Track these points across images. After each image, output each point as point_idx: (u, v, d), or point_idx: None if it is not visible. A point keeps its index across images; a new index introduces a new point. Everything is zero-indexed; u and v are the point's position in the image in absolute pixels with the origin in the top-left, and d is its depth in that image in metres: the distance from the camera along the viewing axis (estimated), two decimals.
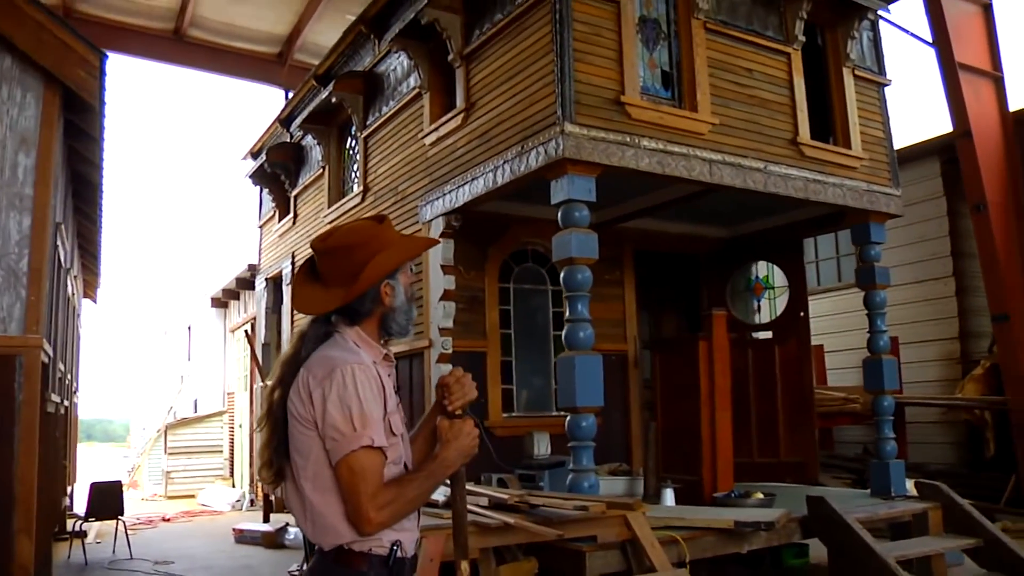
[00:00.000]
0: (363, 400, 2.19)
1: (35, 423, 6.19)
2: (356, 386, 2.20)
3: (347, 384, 2.20)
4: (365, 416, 2.18)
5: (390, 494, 2.19)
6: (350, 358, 2.26)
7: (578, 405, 6.05)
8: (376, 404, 2.23)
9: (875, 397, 8.01)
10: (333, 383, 2.20)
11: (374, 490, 2.17)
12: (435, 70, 8.13)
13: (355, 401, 2.18)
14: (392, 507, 2.19)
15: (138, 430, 32.67)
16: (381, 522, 2.18)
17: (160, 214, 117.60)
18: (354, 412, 2.18)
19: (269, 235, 13.37)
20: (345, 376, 2.21)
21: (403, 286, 2.43)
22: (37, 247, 6.38)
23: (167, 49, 14.96)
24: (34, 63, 6.49)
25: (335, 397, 2.19)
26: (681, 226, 9.56)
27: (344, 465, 2.17)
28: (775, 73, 7.60)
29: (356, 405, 2.18)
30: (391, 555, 2.25)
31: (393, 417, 2.30)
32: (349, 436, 2.17)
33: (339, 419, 2.17)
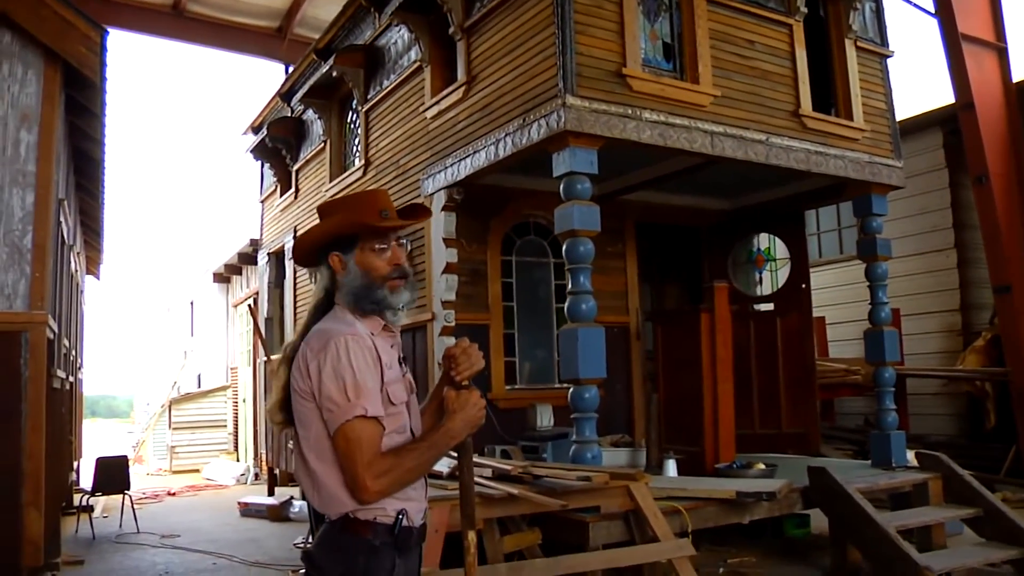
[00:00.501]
0: (356, 370, 2.21)
1: (41, 399, 6.24)
2: (349, 357, 2.22)
3: (340, 355, 2.22)
4: (359, 386, 2.20)
5: (387, 463, 2.21)
6: (344, 329, 2.28)
7: (581, 377, 6.08)
8: (371, 374, 2.25)
9: (876, 369, 8.04)
10: (327, 355, 2.23)
11: (370, 459, 2.18)
12: (436, 43, 8.11)
13: (348, 372, 2.21)
14: (390, 476, 2.20)
15: (142, 406, 32.83)
16: (379, 490, 2.20)
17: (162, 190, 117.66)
18: (348, 383, 2.20)
19: (271, 210, 13.37)
20: (339, 347, 2.23)
21: (359, 262, 2.39)
22: (41, 223, 6.41)
23: (167, 24, 14.86)
24: (34, 39, 6.49)
25: (329, 368, 2.21)
26: (683, 198, 9.56)
27: (340, 435, 2.20)
28: (777, 45, 7.57)
29: (350, 376, 2.20)
30: (396, 523, 2.28)
31: (393, 387, 2.32)
32: (343, 406, 2.19)
33: (333, 390, 2.20)
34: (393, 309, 2.41)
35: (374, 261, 2.39)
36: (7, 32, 6.44)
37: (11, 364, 6.14)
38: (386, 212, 2.40)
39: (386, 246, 2.41)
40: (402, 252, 2.47)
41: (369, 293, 2.38)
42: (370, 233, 2.40)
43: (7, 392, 6.09)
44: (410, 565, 2.38)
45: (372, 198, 2.45)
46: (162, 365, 28.26)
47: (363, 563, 2.25)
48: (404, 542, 2.31)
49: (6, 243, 6.27)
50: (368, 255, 2.40)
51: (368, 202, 2.43)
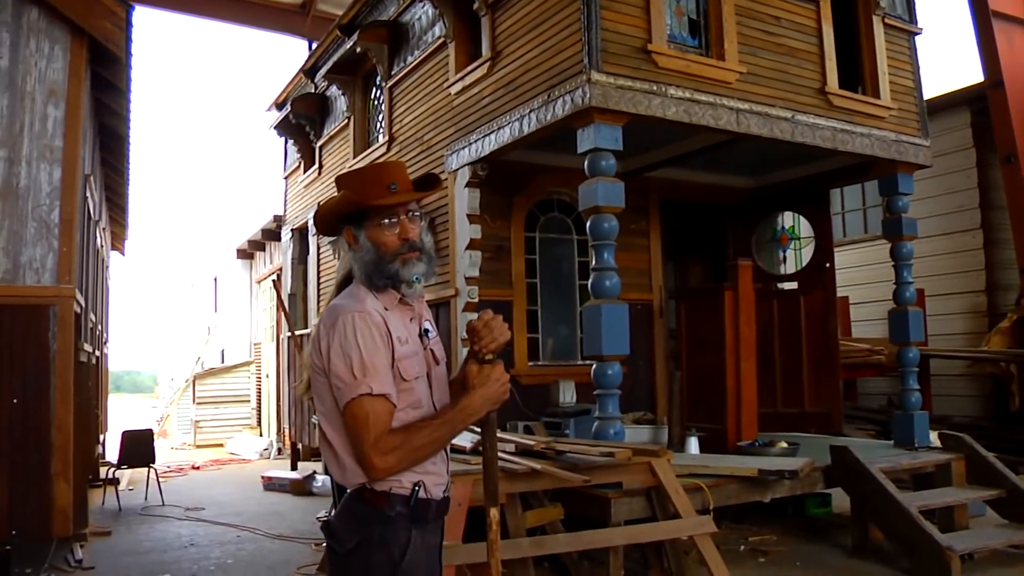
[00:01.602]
0: (363, 348, 2.21)
1: (69, 372, 6.34)
2: (356, 334, 2.23)
3: (347, 332, 2.23)
4: (365, 364, 2.20)
5: (396, 440, 2.21)
6: (353, 306, 2.29)
7: (604, 353, 6.08)
8: (378, 352, 2.24)
9: (900, 349, 8.00)
10: (335, 332, 2.24)
11: (376, 436, 2.19)
12: (460, 19, 8.08)
13: (355, 349, 2.21)
14: (398, 453, 2.20)
15: (166, 381, 33.14)
16: (385, 468, 2.20)
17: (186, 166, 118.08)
18: (354, 360, 2.21)
19: (294, 186, 13.42)
20: (346, 324, 2.24)
21: (369, 236, 2.39)
22: (68, 198, 6.48)
23: (192, 0, 14.92)
24: (61, 15, 6.54)
25: (337, 346, 2.23)
26: (707, 176, 9.51)
27: (348, 412, 2.21)
28: (804, 21, 7.49)
29: (356, 353, 2.21)
30: (413, 495, 2.29)
31: (406, 362, 2.30)
32: (350, 384, 2.20)
33: (341, 367, 2.21)
34: (407, 282, 2.38)
35: (383, 236, 2.38)
36: (33, 7, 6.49)
37: (40, 337, 6.24)
38: (394, 185, 2.37)
39: (395, 220, 2.39)
40: (414, 225, 2.43)
41: (380, 268, 2.37)
42: (378, 208, 2.38)
43: (36, 365, 6.20)
44: (429, 538, 2.38)
45: (381, 172, 2.44)
46: (186, 340, 28.49)
47: (378, 533, 2.27)
48: (421, 514, 2.31)
49: (34, 218, 6.35)
50: (377, 230, 2.38)
51: (376, 176, 2.41)
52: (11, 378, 6.10)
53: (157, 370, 41.42)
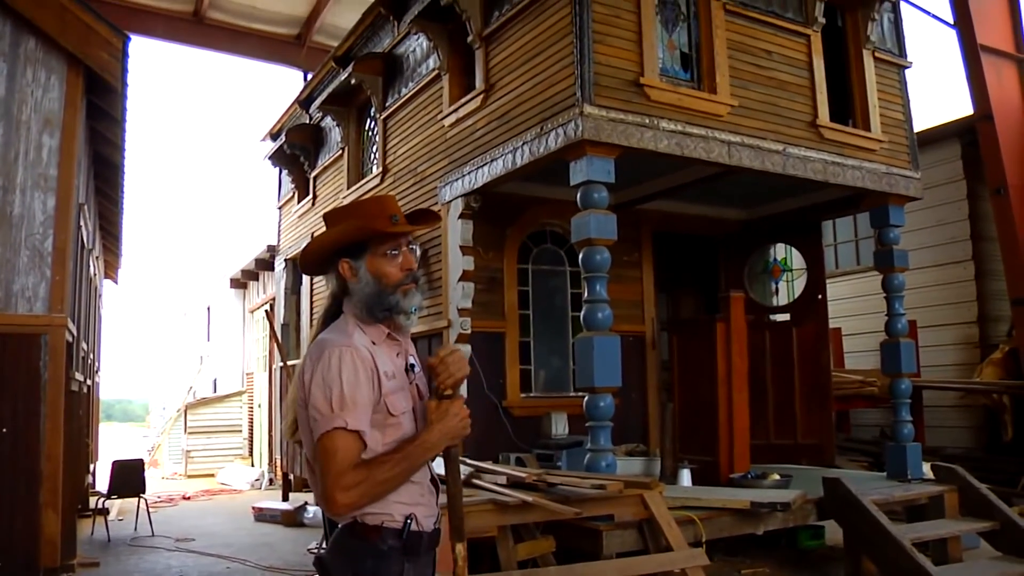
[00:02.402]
0: (345, 383, 2.21)
1: (60, 401, 6.31)
2: (340, 368, 2.22)
3: (331, 366, 2.23)
4: (344, 399, 2.20)
5: (359, 476, 2.19)
6: (340, 340, 2.29)
7: (596, 385, 6.08)
8: (362, 388, 2.24)
9: (892, 380, 8.02)
10: (320, 364, 2.24)
11: (339, 471, 2.17)
12: (454, 52, 8.14)
13: (337, 383, 2.21)
14: (360, 488, 2.19)
15: (158, 410, 32.97)
16: (347, 503, 2.19)
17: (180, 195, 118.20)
18: (334, 394, 2.20)
19: (288, 216, 13.44)
20: (331, 358, 2.24)
21: (370, 269, 2.39)
22: (61, 227, 6.49)
23: (187, 31, 15.02)
24: (58, 45, 6.58)
25: (319, 378, 2.23)
26: (700, 208, 9.54)
27: (320, 444, 2.21)
28: (795, 55, 7.57)
29: (337, 387, 2.21)
30: (405, 528, 2.28)
31: (393, 397, 2.31)
32: (326, 416, 2.20)
33: (320, 399, 2.21)
34: (406, 313, 2.40)
35: (386, 267, 2.40)
36: (31, 37, 6.53)
37: (31, 366, 6.22)
38: (396, 217, 2.40)
39: (397, 251, 2.42)
40: (412, 257, 2.46)
41: (381, 299, 2.38)
42: (381, 239, 2.40)
43: (27, 394, 6.17)
44: (421, 570, 2.38)
45: (381, 204, 2.45)
46: (178, 370, 28.39)
47: (371, 567, 2.26)
48: (413, 547, 2.31)
49: (27, 246, 6.35)
50: (380, 261, 2.40)
51: (377, 208, 2.43)
52: (1, 407, 6.07)
53: (149, 399, 41.23)
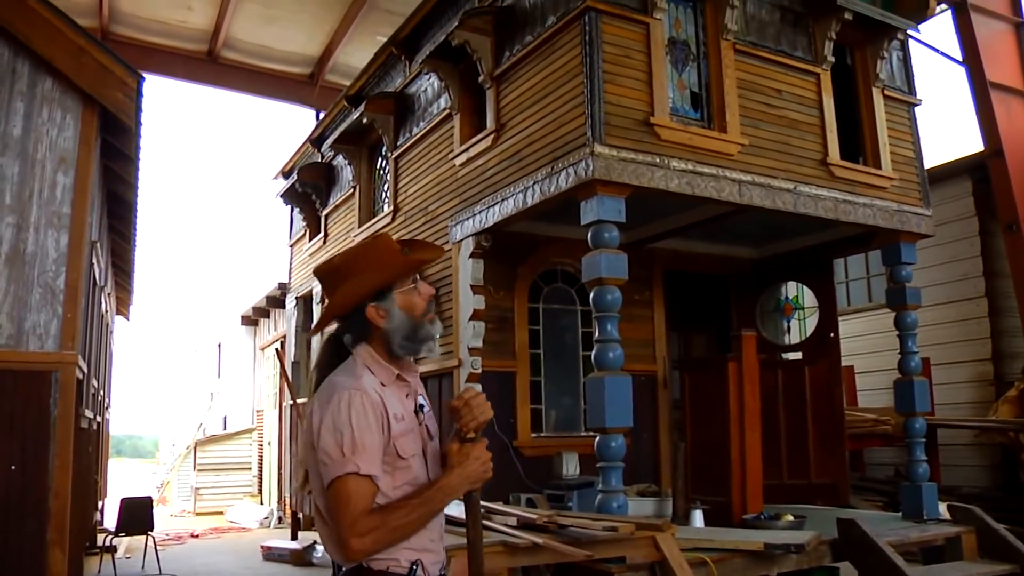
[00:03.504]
0: (355, 427, 2.19)
1: (69, 438, 6.31)
2: (350, 412, 2.20)
3: (341, 410, 2.21)
4: (355, 443, 2.18)
5: (373, 521, 2.17)
6: (350, 383, 2.27)
7: (607, 426, 6.04)
8: (372, 431, 2.22)
9: (907, 419, 7.94)
10: (330, 408, 2.22)
11: (354, 517, 2.15)
12: (465, 91, 8.20)
13: (347, 427, 2.19)
14: (375, 534, 2.17)
15: (167, 446, 32.95)
16: (361, 550, 2.17)
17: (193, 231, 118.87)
18: (345, 438, 2.18)
19: (300, 254, 13.48)
20: (341, 402, 2.22)
21: (401, 306, 2.40)
22: (73, 265, 6.52)
23: (201, 70, 15.19)
24: (74, 85, 6.65)
25: (329, 422, 2.20)
26: (711, 246, 9.53)
27: (331, 490, 2.18)
28: (804, 93, 7.59)
29: (348, 431, 2.18)
30: (410, 574, 2.26)
31: (402, 439, 2.29)
32: (337, 461, 2.17)
33: (330, 443, 2.18)
34: (434, 339, 2.45)
35: (414, 299, 2.43)
36: (48, 78, 6.62)
37: (41, 403, 6.22)
38: (405, 250, 2.44)
39: (415, 283, 2.45)
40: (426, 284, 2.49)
41: (417, 331, 2.41)
42: (403, 275, 2.42)
43: (36, 431, 6.17)
44: None
45: (385, 244, 2.46)
46: (188, 406, 28.38)
47: None
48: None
49: (39, 284, 6.37)
50: (408, 295, 2.42)
51: (385, 248, 2.44)
52: (10, 444, 6.06)
53: (159, 435, 41.22)
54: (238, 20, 13.97)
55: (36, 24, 6.49)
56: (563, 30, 6.69)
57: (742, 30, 7.27)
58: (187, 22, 14.06)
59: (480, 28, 7.60)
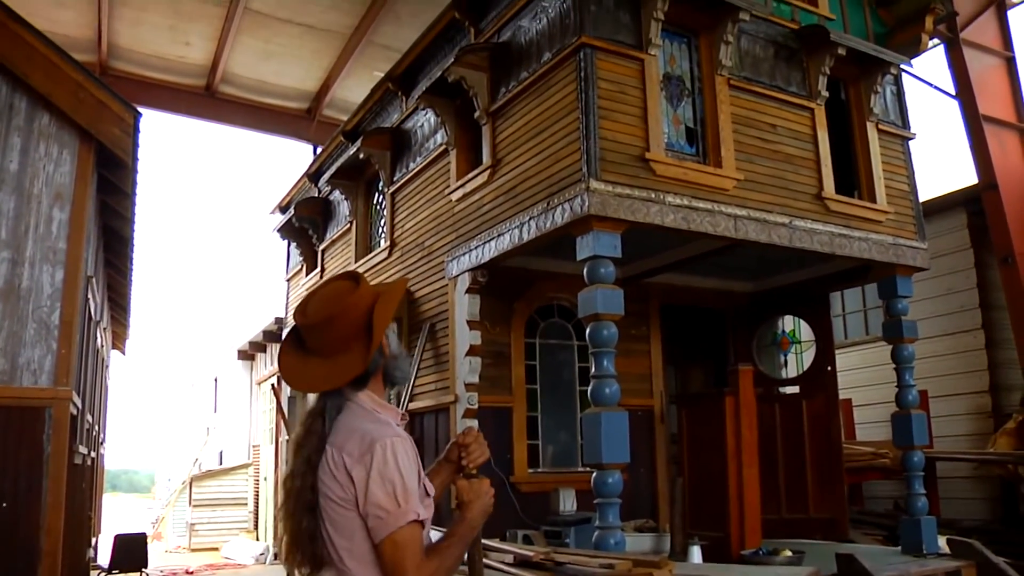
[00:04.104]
0: (404, 474, 2.15)
1: (62, 475, 6.25)
2: (396, 460, 2.15)
3: (388, 459, 2.15)
4: (408, 491, 2.14)
5: (433, 564, 2.16)
6: (386, 431, 2.22)
7: (604, 462, 6.01)
8: (414, 476, 2.19)
9: (905, 452, 7.92)
10: (374, 459, 2.14)
11: (418, 562, 2.14)
12: (461, 127, 8.24)
13: (397, 476, 2.14)
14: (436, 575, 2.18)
15: (163, 481, 32.72)
16: None
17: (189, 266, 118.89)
18: (397, 488, 2.13)
19: (296, 288, 13.48)
20: (386, 451, 2.16)
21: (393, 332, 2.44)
22: (69, 300, 6.49)
23: (199, 105, 15.25)
24: (71, 120, 6.66)
25: (376, 474, 2.13)
26: (707, 280, 9.54)
27: (389, 542, 2.13)
28: (799, 128, 7.63)
29: (399, 480, 2.14)
30: None
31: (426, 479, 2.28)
32: (394, 513, 2.12)
33: (383, 496, 2.12)
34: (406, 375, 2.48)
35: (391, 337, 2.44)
36: (45, 113, 6.63)
37: (34, 440, 6.17)
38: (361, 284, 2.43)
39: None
40: None
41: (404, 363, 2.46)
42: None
43: (29, 468, 6.12)
44: None
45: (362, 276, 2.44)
46: (184, 441, 28.23)
47: None
48: None
49: (34, 319, 6.34)
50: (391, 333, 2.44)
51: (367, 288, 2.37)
52: (2, 481, 6.01)
53: (155, 470, 40.95)
54: (236, 55, 14.05)
55: (35, 60, 6.52)
56: (558, 66, 6.74)
57: (736, 65, 7.33)
58: (185, 57, 14.14)
59: (476, 64, 7.65)
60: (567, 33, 6.69)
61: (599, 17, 6.64)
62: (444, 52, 8.58)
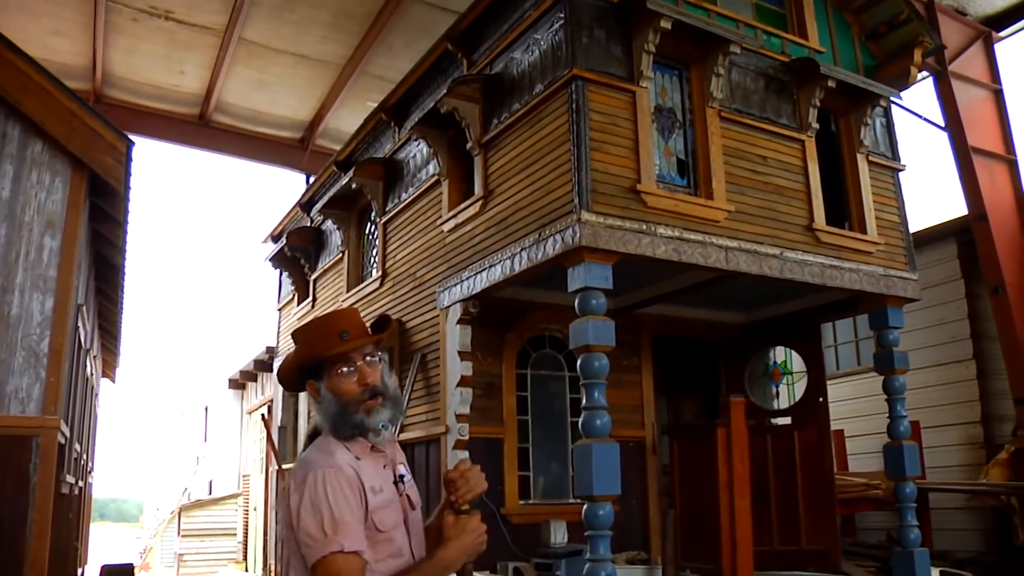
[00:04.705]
0: (333, 504, 2.17)
1: (48, 505, 6.20)
2: (327, 490, 2.18)
3: (318, 488, 2.19)
4: (336, 521, 2.16)
5: None
6: (324, 460, 2.26)
7: (595, 494, 5.98)
8: (350, 507, 2.20)
9: (897, 484, 7.90)
10: (306, 487, 2.20)
11: None
12: (454, 157, 8.26)
13: (325, 505, 2.17)
14: None
15: (152, 511, 32.49)
16: None
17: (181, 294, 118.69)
18: (325, 517, 2.16)
19: (288, 318, 13.45)
20: (317, 480, 2.20)
21: (329, 387, 2.38)
22: (58, 329, 6.47)
23: (192, 133, 15.27)
24: (64, 149, 6.68)
25: (307, 501, 2.18)
26: (698, 311, 9.53)
27: (320, 569, 2.15)
28: (790, 160, 7.67)
29: (327, 510, 2.16)
30: None
31: (382, 512, 2.27)
32: (320, 541, 2.15)
33: (310, 523, 2.16)
34: (374, 431, 2.36)
35: (342, 385, 2.37)
36: (38, 141, 6.64)
37: (20, 469, 6.13)
38: (346, 333, 2.37)
39: (351, 368, 2.38)
40: (373, 369, 2.42)
41: (344, 418, 2.35)
42: (333, 359, 2.37)
43: (14, 498, 6.07)
44: None
45: (331, 321, 2.43)
46: (174, 470, 28.05)
47: None
48: None
49: (23, 347, 6.32)
50: (336, 380, 2.38)
51: (327, 326, 2.41)
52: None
53: (143, 499, 40.66)
54: (230, 84, 14.09)
55: (29, 89, 6.53)
56: (550, 98, 6.77)
57: (727, 98, 7.37)
58: (180, 86, 14.18)
59: (468, 95, 7.68)
60: (559, 65, 6.73)
61: (591, 49, 6.68)
62: (437, 83, 8.63)
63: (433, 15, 11.57)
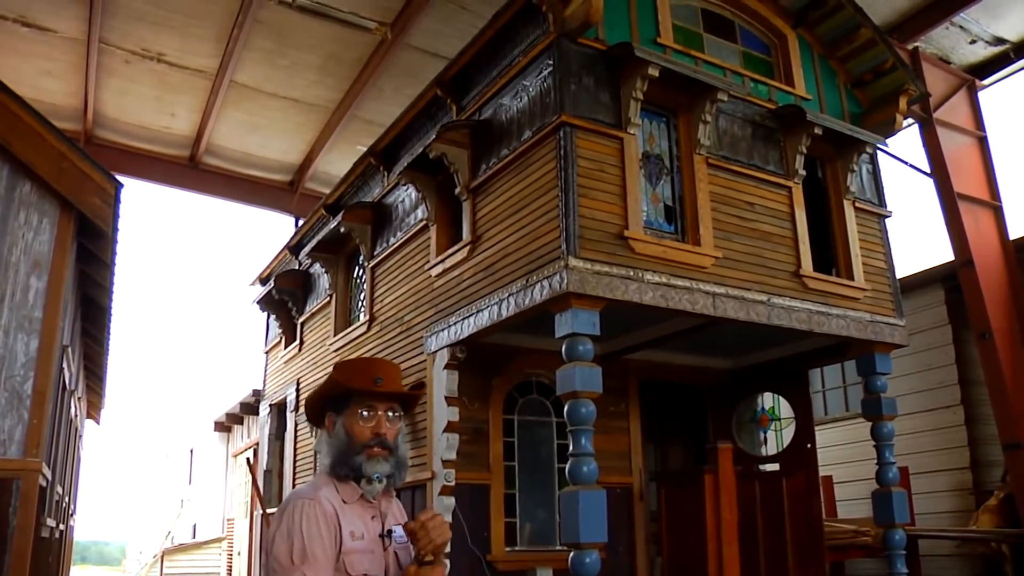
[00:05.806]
0: (306, 536, 2.21)
1: (27, 550, 6.08)
2: (303, 521, 2.23)
3: (295, 518, 2.23)
4: (305, 552, 2.19)
5: None
6: (306, 492, 2.32)
7: (582, 541, 5.93)
8: (322, 541, 2.23)
9: (886, 531, 7.86)
10: (285, 516, 2.26)
11: None
12: (442, 203, 8.28)
13: (298, 535, 2.21)
14: None
15: (134, 554, 32.06)
16: None
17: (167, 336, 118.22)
18: (296, 546, 2.19)
19: (275, 361, 13.39)
20: (295, 510, 2.25)
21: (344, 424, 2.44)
22: (42, 370, 6.41)
23: (182, 175, 15.29)
24: (52, 190, 6.66)
25: (283, 529, 2.23)
26: (686, 357, 9.52)
27: None
28: (777, 206, 7.72)
29: (299, 539, 2.20)
30: None
31: (354, 557, 2.28)
32: (286, 568, 2.18)
33: (282, 551, 2.20)
34: (367, 478, 2.39)
35: (356, 425, 2.42)
36: (27, 182, 6.62)
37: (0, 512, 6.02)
38: (380, 380, 2.43)
39: (372, 414, 2.43)
40: (392, 426, 2.47)
41: (347, 457, 2.39)
42: (360, 397, 2.42)
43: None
44: None
45: (371, 364, 2.52)
46: (157, 513, 27.73)
47: None
48: None
49: (6, 388, 6.24)
50: (353, 419, 2.42)
51: (365, 366, 2.49)
52: None
53: (126, 541, 40.16)
54: (220, 127, 14.15)
55: (18, 129, 6.52)
56: (539, 144, 6.82)
57: (715, 144, 7.43)
58: (170, 128, 14.23)
59: (457, 141, 7.72)
60: (547, 112, 6.78)
61: (579, 96, 6.73)
62: (426, 128, 8.68)
63: (423, 60, 11.68)
